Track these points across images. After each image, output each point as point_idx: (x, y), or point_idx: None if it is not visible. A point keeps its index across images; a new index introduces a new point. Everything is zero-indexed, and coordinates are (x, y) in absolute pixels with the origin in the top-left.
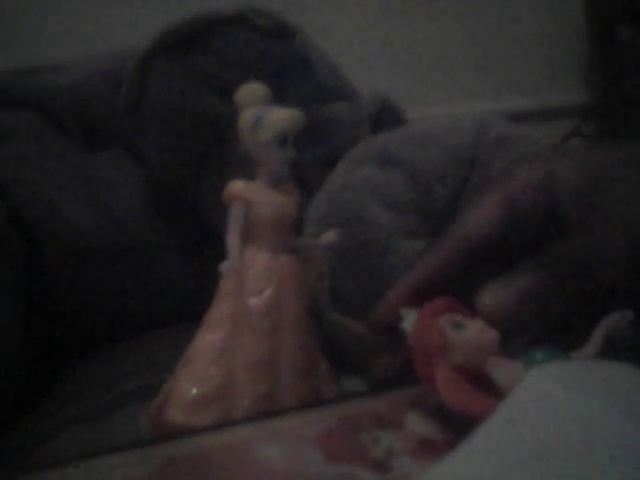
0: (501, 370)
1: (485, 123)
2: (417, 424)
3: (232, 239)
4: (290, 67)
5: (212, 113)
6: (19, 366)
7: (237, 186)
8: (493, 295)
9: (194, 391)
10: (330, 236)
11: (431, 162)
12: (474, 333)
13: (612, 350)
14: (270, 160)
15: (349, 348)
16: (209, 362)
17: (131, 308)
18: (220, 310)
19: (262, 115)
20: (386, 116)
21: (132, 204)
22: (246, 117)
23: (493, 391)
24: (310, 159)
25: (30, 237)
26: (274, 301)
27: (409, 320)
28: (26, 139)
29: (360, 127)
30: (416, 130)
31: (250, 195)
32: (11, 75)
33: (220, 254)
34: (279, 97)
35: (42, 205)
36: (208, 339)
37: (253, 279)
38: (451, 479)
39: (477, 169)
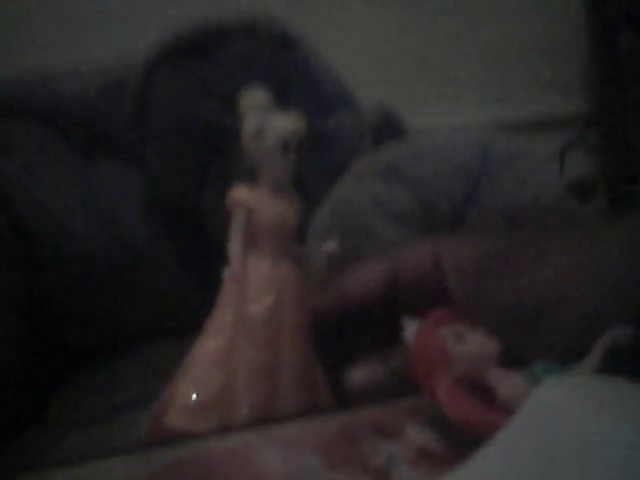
0: (503, 382)
1: (492, 139)
2: (417, 434)
3: (234, 246)
4: (293, 78)
5: (215, 124)
6: (21, 375)
7: (240, 192)
8: (365, 372)
9: (194, 397)
10: (331, 245)
11: (437, 178)
12: (476, 344)
13: (612, 365)
14: (273, 167)
15: None
16: (209, 368)
17: (132, 318)
18: (221, 317)
19: (265, 122)
20: (388, 127)
21: (134, 216)
22: (249, 124)
23: (494, 403)
24: (312, 170)
25: (32, 249)
26: (275, 309)
27: (410, 330)
28: (29, 150)
29: (362, 138)
30: (421, 145)
31: (253, 202)
32: (14, 84)
33: (221, 266)
34: (281, 108)
35: (44, 217)
36: (208, 346)
37: (254, 286)
38: None
39: (483, 186)
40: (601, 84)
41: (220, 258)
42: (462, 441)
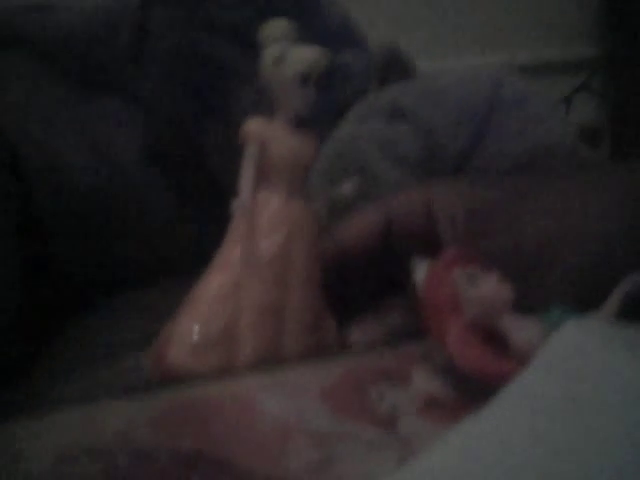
0: (516, 328)
1: (501, 79)
2: (424, 381)
3: (245, 178)
4: (297, 10)
5: (216, 57)
6: (18, 314)
7: (255, 124)
8: (366, 331)
9: (196, 329)
10: (348, 188)
11: (443, 118)
12: (489, 288)
13: (630, 312)
14: (291, 99)
15: None
16: (214, 303)
17: (132, 257)
18: (229, 252)
19: (286, 51)
20: (395, 67)
21: (133, 151)
22: (270, 53)
23: (506, 352)
24: (316, 108)
25: (28, 185)
26: (285, 247)
27: (420, 271)
28: (23, 84)
29: (368, 77)
30: (428, 84)
31: (267, 135)
32: (6, 13)
33: (224, 203)
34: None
35: (40, 151)
36: (214, 281)
37: (264, 222)
38: (484, 434)
39: (491, 129)
40: (610, 29)
41: (222, 195)
42: (471, 389)
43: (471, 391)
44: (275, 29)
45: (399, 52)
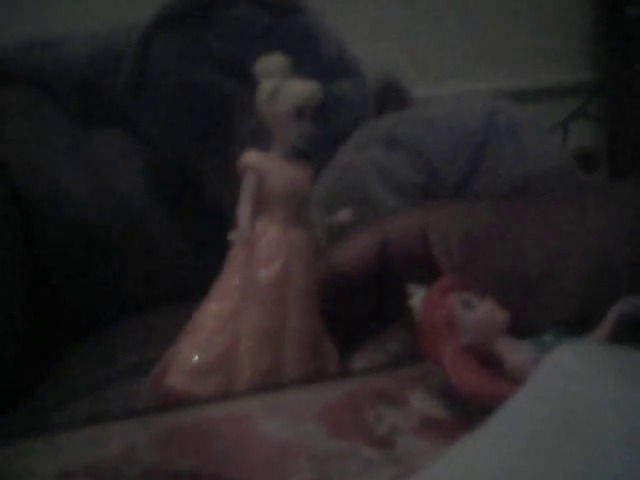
0: (512, 351)
1: (495, 108)
2: (422, 402)
3: (243, 209)
4: (295, 43)
5: (215, 89)
6: (20, 342)
7: (251, 157)
8: (366, 358)
9: (196, 358)
10: (344, 215)
11: (439, 146)
12: (484, 313)
13: (623, 335)
14: (286, 132)
15: None
16: (213, 331)
17: (132, 285)
18: (228, 281)
19: (280, 86)
20: (390, 95)
21: (134, 182)
22: (264, 87)
23: (502, 374)
24: (313, 138)
25: (29, 215)
26: (283, 274)
27: (417, 297)
28: (26, 117)
29: (365, 106)
30: (424, 113)
31: (264, 167)
32: (8, 49)
33: (222, 232)
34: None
35: (42, 183)
36: (214, 308)
37: (263, 251)
38: (473, 459)
39: (487, 155)
40: (606, 54)
41: (221, 224)
42: (468, 410)
43: (467, 412)
44: (269, 64)
45: (395, 81)
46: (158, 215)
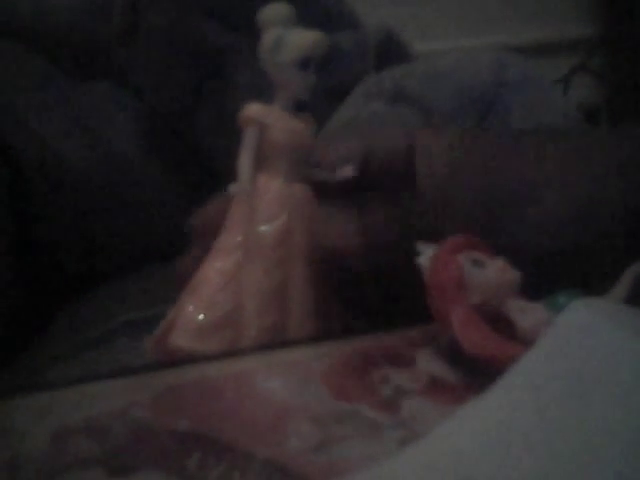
0: (522, 311)
1: (503, 62)
2: (429, 363)
3: (244, 162)
4: None
5: (210, 41)
6: (15, 300)
7: (253, 109)
8: (336, 227)
9: (200, 317)
10: (347, 171)
11: (445, 100)
12: (494, 272)
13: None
14: (290, 84)
15: None
16: (217, 288)
17: (128, 241)
18: (230, 237)
19: (285, 35)
20: (390, 49)
21: (126, 136)
22: (268, 37)
23: (512, 335)
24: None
25: (19, 171)
26: (286, 230)
27: (426, 255)
28: (11, 71)
29: (365, 59)
30: (430, 66)
31: (266, 119)
32: None
33: (216, 186)
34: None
35: (31, 137)
36: (217, 265)
37: (265, 206)
38: (483, 422)
39: (494, 111)
40: (608, 9)
41: (215, 178)
42: (476, 372)
43: (476, 374)
44: (274, 13)
45: (395, 36)
46: (150, 169)
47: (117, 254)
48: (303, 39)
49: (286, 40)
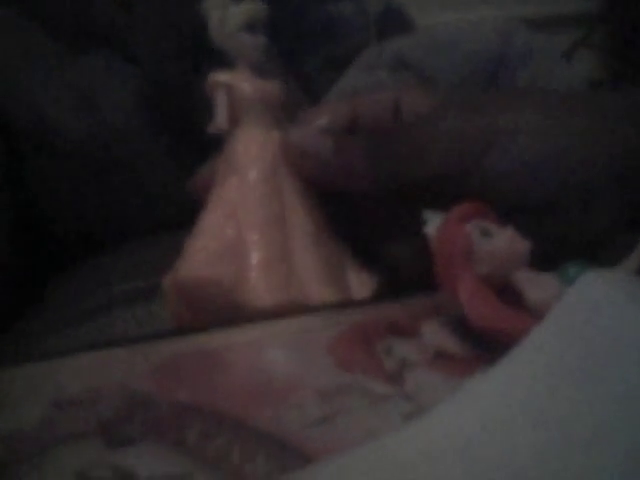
0: (532, 284)
1: (509, 31)
2: (435, 335)
3: (219, 107)
4: None
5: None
6: (11, 269)
7: (218, 75)
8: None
9: (207, 244)
10: (322, 120)
11: (450, 69)
12: (503, 242)
13: None
14: (244, 49)
15: None
16: (218, 224)
17: (124, 212)
18: (221, 188)
19: (227, 10)
20: (392, 19)
21: (124, 107)
22: (214, 17)
23: (521, 307)
24: (312, 60)
25: (15, 140)
26: (271, 167)
27: (433, 223)
28: (7, 38)
29: (365, 29)
30: (433, 37)
31: (232, 81)
32: None
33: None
34: None
35: (26, 106)
36: (214, 212)
37: (251, 153)
38: (490, 397)
39: (499, 80)
40: None
41: (214, 150)
42: (483, 344)
43: (483, 345)
44: (213, 1)
45: (395, 4)
46: (148, 139)
47: (114, 224)
48: (242, 7)
49: (228, 13)
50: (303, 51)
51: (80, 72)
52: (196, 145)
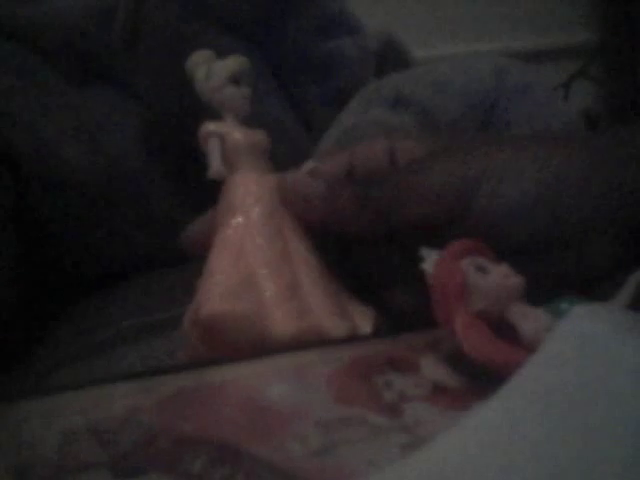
0: (525, 318)
1: (504, 68)
2: (432, 369)
3: (213, 154)
4: None
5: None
6: (19, 304)
7: (209, 125)
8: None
9: (222, 281)
10: (309, 165)
11: (447, 106)
12: (498, 278)
13: None
14: (230, 100)
15: None
16: (229, 263)
17: (129, 248)
18: (224, 231)
19: (211, 66)
20: (391, 55)
21: (128, 142)
22: (199, 73)
23: (515, 341)
24: (313, 96)
25: (22, 174)
26: (269, 210)
27: (430, 260)
28: (13, 74)
29: (365, 65)
30: (431, 72)
31: (222, 129)
32: None
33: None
34: (281, 28)
35: (33, 141)
36: (223, 253)
37: (250, 195)
38: (486, 428)
39: (496, 116)
40: (607, 15)
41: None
42: (480, 378)
43: (479, 379)
44: (197, 58)
45: (394, 40)
46: (152, 174)
47: (119, 259)
48: (226, 62)
49: (213, 68)
50: (304, 86)
51: (84, 107)
52: (198, 181)
